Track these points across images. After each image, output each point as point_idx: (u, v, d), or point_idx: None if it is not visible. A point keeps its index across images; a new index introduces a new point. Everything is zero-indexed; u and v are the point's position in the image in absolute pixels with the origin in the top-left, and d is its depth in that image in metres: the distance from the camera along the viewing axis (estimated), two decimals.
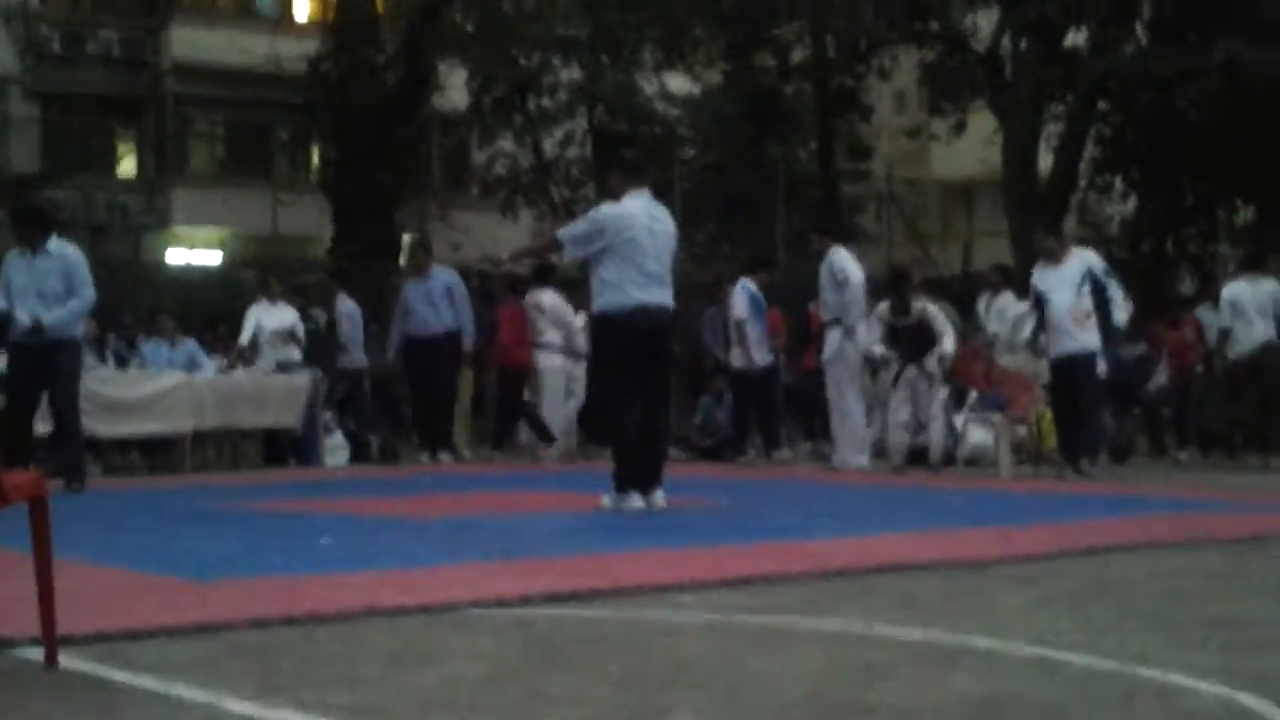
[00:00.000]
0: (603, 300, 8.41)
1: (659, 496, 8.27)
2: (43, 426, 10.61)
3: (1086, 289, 10.85)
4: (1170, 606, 4.82)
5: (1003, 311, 14.13)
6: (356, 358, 14.62)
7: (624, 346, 8.34)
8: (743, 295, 13.40)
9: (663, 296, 8.44)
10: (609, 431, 8.75)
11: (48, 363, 10.12)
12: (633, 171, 8.81)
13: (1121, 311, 10.94)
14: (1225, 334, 12.87)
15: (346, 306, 14.84)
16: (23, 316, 10.04)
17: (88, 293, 10.22)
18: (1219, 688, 3.47)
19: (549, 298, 14.08)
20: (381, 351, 14.86)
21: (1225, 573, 5.70)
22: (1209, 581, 5.45)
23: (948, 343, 11.90)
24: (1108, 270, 11.04)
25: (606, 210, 8.70)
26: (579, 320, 13.74)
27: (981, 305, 14.76)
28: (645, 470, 8.29)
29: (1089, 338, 10.90)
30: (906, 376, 11.78)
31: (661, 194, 27.15)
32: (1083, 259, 11.09)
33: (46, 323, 10.01)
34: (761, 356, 13.34)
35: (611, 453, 8.58)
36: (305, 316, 14.59)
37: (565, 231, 8.85)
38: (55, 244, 10.29)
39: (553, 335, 14.03)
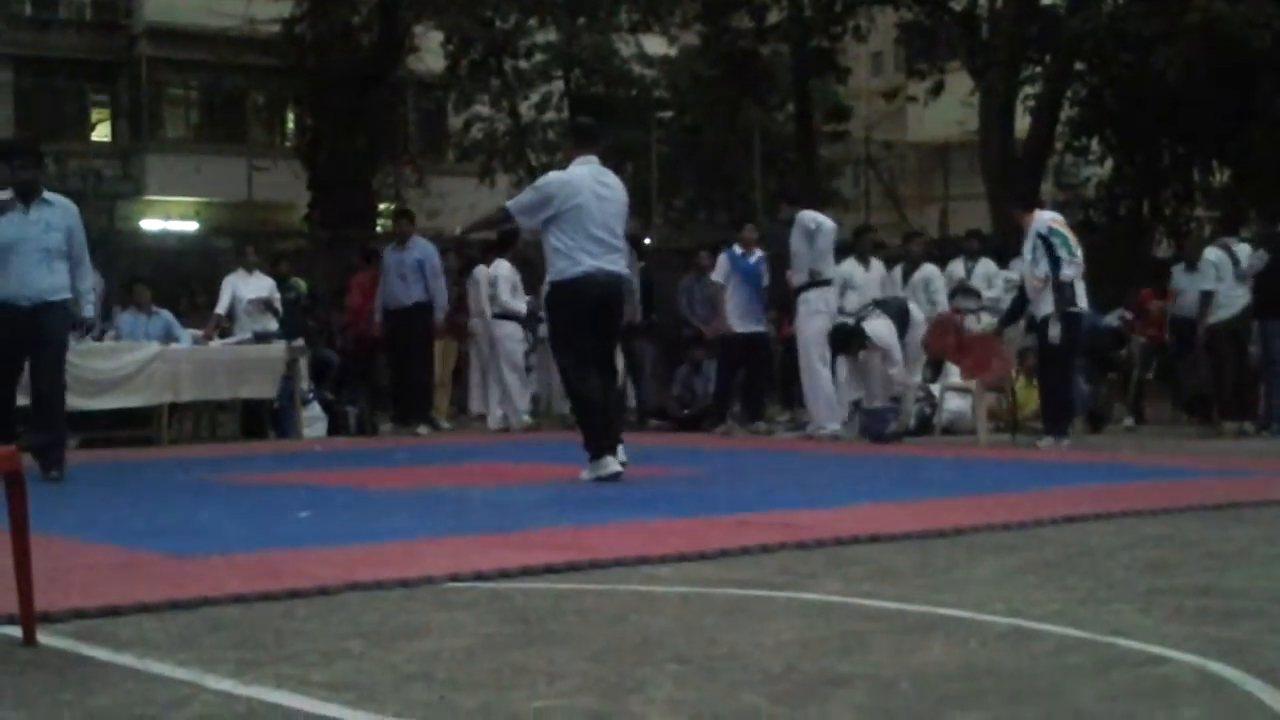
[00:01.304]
0: (555, 270, 8.45)
1: (620, 453, 8.30)
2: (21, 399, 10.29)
3: (1041, 254, 10.85)
4: (1146, 575, 4.84)
5: (990, 277, 14.21)
6: None
7: (578, 313, 8.38)
8: (723, 260, 13.44)
9: (613, 264, 8.46)
10: (571, 400, 8.78)
11: (35, 327, 8.84)
12: (583, 138, 8.92)
13: (1068, 268, 10.73)
14: (1209, 297, 12.81)
15: None
16: (86, 309, 9.07)
17: (85, 255, 9.08)
18: (1194, 657, 3.49)
19: (495, 268, 14.12)
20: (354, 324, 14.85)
21: (1201, 540, 5.73)
22: (1185, 550, 5.48)
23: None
24: (1051, 229, 10.91)
25: (553, 178, 8.76)
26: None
27: (960, 270, 14.75)
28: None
29: (1042, 305, 10.92)
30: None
31: (639, 157, 27.04)
32: (1036, 224, 11.03)
33: (90, 313, 9.18)
34: (740, 323, 13.31)
35: (578, 421, 8.59)
36: (285, 286, 14.58)
37: (513, 203, 8.85)
38: (50, 194, 9.03)
39: (505, 303, 14.07)
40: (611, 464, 8.18)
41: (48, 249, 8.78)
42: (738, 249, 13.41)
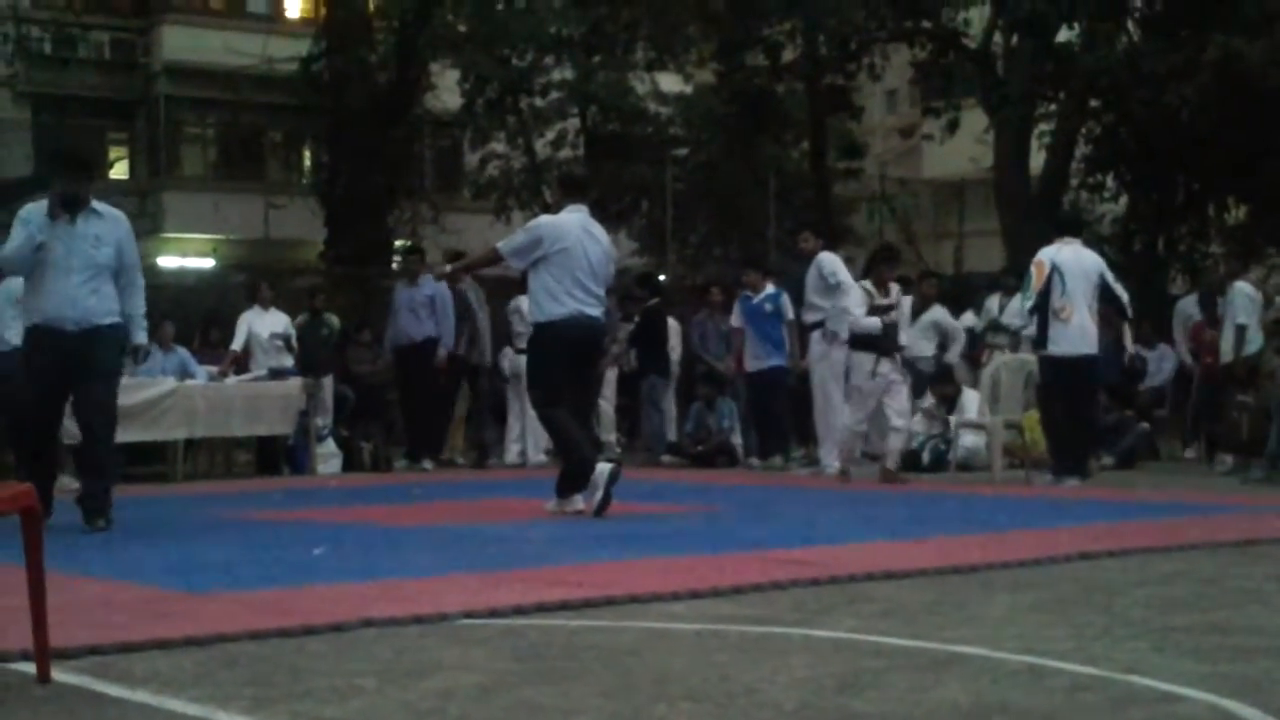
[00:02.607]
0: (540, 311, 8.64)
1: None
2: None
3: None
4: (1160, 613, 4.83)
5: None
6: None
7: (560, 354, 8.55)
8: (737, 306, 13.67)
9: (593, 310, 8.67)
10: (555, 439, 8.91)
11: (83, 356, 7.82)
12: (571, 188, 9.17)
13: (1015, 317, 11.33)
14: (1244, 331, 12.67)
15: None
16: (139, 335, 8.15)
17: (138, 273, 8.16)
18: (1208, 695, 3.49)
19: (527, 302, 14.12)
20: (372, 359, 14.87)
21: (1215, 578, 5.72)
22: (1199, 587, 5.47)
23: (904, 336, 11.89)
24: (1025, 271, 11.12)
25: (543, 221, 9.04)
26: None
27: (994, 306, 14.75)
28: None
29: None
30: (881, 370, 11.42)
31: (654, 194, 26.99)
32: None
33: (143, 339, 8.24)
34: (753, 362, 13.40)
35: (566, 458, 8.65)
36: (319, 322, 14.69)
37: (504, 244, 8.99)
38: (99, 205, 8.05)
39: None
40: (601, 478, 8.25)
41: (96, 265, 7.81)
42: (748, 292, 13.52)
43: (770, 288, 13.43)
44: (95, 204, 7.95)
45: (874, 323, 11.27)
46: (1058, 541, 6.76)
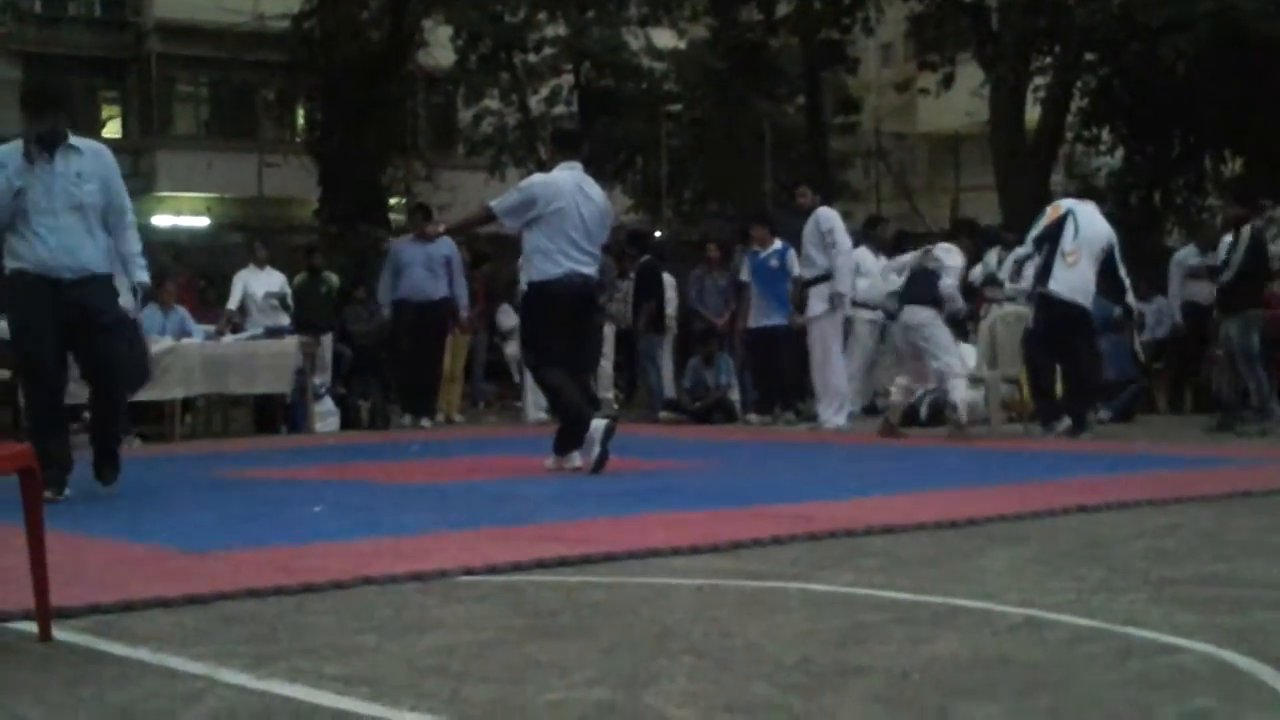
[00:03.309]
0: (535, 270, 8.58)
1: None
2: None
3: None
4: (1159, 565, 4.84)
5: None
6: None
7: (555, 313, 8.53)
8: (743, 260, 13.72)
9: (587, 268, 8.62)
10: (550, 397, 8.90)
11: (82, 308, 7.27)
12: (564, 144, 9.07)
13: (1020, 247, 11.37)
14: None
15: None
16: (139, 273, 7.51)
17: (128, 211, 7.57)
18: (1207, 646, 3.50)
19: None
20: (368, 316, 14.82)
21: (1214, 530, 5.73)
22: (1198, 539, 5.48)
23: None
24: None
25: (536, 180, 8.94)
26: None
27: (993, 260, 14.74)
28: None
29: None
30: None
31: (648, 150, 26.93)
32: None
33: (145, 277, 7.54)
34: (756, 318, 13.42)
35: (562, 415, 8.65)
36: (318, 279, 14.65)
37: (497, 203, 8.92)
38: (78, 139, 7.45)
39: None
40: (596, 433, 8.27)
41: (82, 205, 7.24)
42: (756, 248, 13.50)
43: (777, 243, 13.40)
44: (74, 139, 7.36)
45: (961, 306, 11.40)
46: (1056, 495, 6.76)
